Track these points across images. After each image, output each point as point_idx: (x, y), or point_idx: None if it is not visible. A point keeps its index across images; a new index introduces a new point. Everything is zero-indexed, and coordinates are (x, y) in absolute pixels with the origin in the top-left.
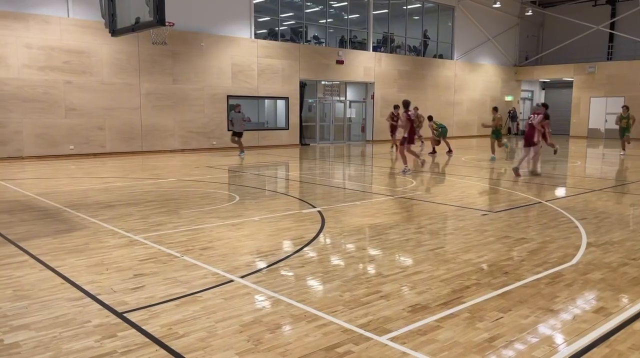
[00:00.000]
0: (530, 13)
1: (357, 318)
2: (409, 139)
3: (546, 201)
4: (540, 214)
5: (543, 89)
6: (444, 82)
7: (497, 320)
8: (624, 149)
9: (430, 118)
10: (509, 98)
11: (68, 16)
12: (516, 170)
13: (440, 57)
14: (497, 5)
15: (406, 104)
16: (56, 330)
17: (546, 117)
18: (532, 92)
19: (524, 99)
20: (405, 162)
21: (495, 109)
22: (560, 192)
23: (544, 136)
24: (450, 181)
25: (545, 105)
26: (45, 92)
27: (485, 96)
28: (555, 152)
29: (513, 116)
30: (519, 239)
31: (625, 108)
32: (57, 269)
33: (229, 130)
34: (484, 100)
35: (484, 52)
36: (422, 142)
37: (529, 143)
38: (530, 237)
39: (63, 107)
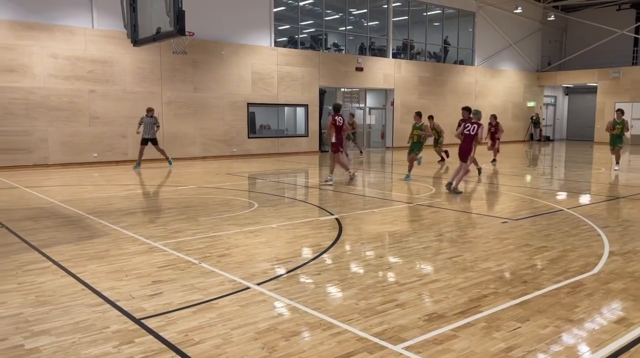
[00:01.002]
0: (552, 18)
1: (372, 327)
2: (337, 146)
3: (568, 209)
4: (561, 222)
5: (566, 95)
6: (465, 88)
7: (514, 330)
8: (617, 162)
9: (430, 118)
10: (531, 104)
11: (92, 27)
12: (454, 189)
13: (461, 63)
14: (519, 10)
15: (336, 107)
16: (76, 335)
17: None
18: (555, 97)
19: (547, 105)
20: (332, 170)
21: (418, 115)
22: (583, 199)
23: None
24: (470, 188)
25: (468, 109)
26: (70, 101)
27: (507, 102)
28: (479, 171)
29: (536, 122)
30: (540, 247)
31: (620, 112)
32: (78, 275)
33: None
34: (505, 106)
35: (505, 57)
36: (356, 145)
37: (464, 157)
38: (551, 245)
39: (87, 115)
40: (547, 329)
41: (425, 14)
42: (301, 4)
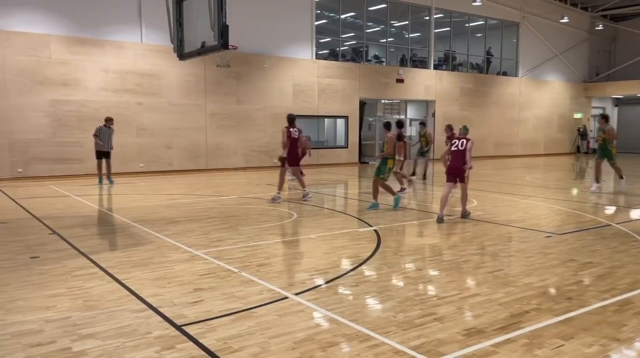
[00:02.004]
0: (600, 27)
1: (410, 340)
2: (289, 160)
3: (617, 223)
4: (609, 237)
5: (616, 106)
6: (508, 100)
7: (557, 347)
8: (597, 179)
9: (422, 124)
10: (578, 115)
11: (141, 42)
12: (465, 213)
13: (504, 74)
14: (565, 20)
15: (290, 118)
16: (120, 339)
17: (399, 138)
18: (603, 109)
19: (595, 117)
20: (280, 187)
21: (386, 127)
22: (633, 213)
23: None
24: (513, 201)
25: (399, 124)
26: (119, 113)
27: (553, 113)
28: (404, 186)
29: (583, 134)
30: (585, 263)
31: (602, 118)
32: (123, 281)
33: (99, 150)
34: (551, 117)
35: (550, 68)
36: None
37: (461, 176)
38: (597, 261)
39: (135, 127)
40: (592, 348)
41: (467, 25)
42: (342, 17)
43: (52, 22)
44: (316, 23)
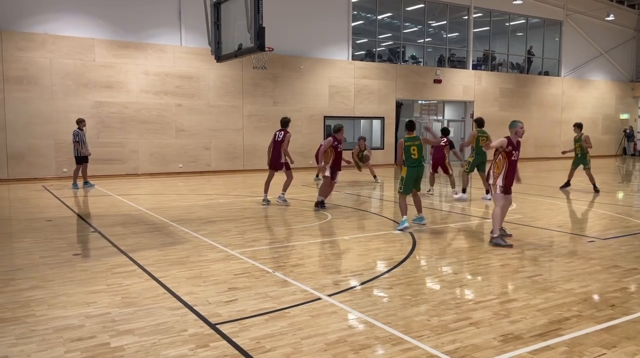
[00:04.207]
0: None
1: (444, 345)
2: (269, 164)
3: None
4: None
5: None
6: (550, 100)
7: (599, 356)
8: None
9: (578, 126)
10: (624, 116)
11: (181, 45)
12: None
13: (546, 74)
14: (611, 17)
15: (281, 122)
16: (156, 336)
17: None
18: None
19: None
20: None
21: (409, 127)
22: None
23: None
24: (554, 205)
25: (335, 129)
26: (159, 114)
27: (597, 114)
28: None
29: (629, 136)
30: (630, 269)
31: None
32: (160, 279)
33: (81, 155)
34: (595, 118)
35: (595, 67)
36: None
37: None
38: None
39: (174, 128)
40: (636, 357)
41: (507, 24)
42: (379, 17)
43: (97, 27)
44: (353, 24)
